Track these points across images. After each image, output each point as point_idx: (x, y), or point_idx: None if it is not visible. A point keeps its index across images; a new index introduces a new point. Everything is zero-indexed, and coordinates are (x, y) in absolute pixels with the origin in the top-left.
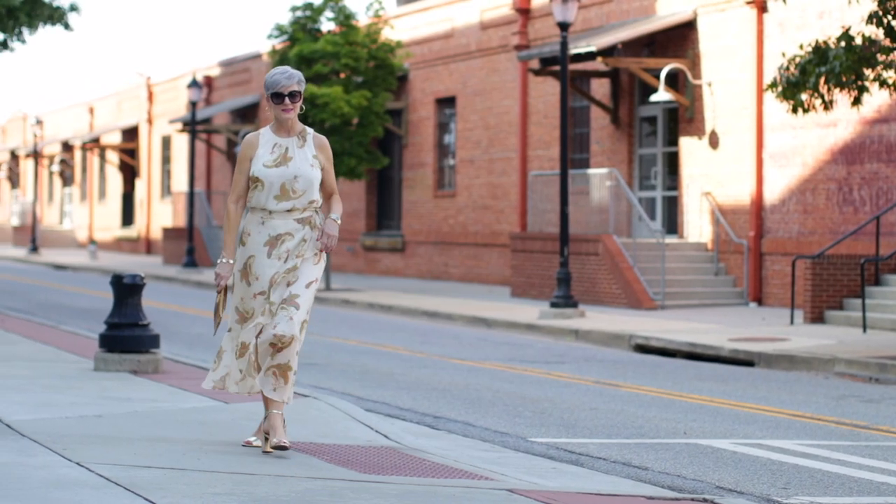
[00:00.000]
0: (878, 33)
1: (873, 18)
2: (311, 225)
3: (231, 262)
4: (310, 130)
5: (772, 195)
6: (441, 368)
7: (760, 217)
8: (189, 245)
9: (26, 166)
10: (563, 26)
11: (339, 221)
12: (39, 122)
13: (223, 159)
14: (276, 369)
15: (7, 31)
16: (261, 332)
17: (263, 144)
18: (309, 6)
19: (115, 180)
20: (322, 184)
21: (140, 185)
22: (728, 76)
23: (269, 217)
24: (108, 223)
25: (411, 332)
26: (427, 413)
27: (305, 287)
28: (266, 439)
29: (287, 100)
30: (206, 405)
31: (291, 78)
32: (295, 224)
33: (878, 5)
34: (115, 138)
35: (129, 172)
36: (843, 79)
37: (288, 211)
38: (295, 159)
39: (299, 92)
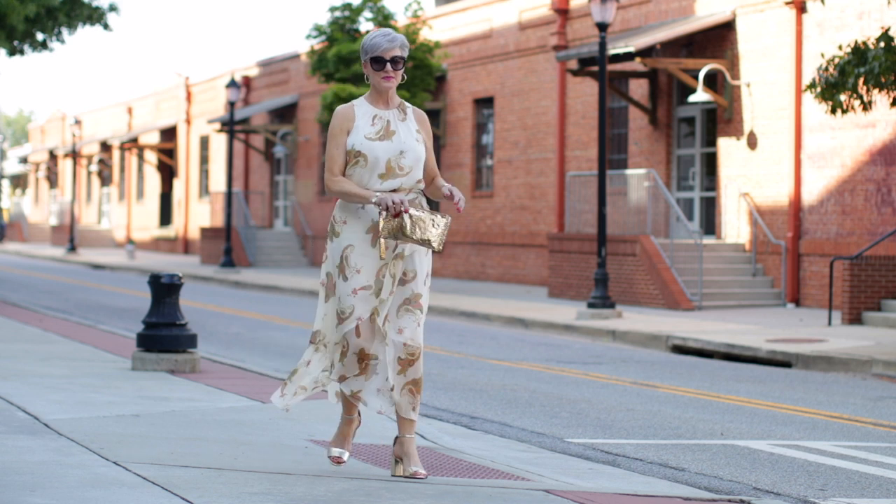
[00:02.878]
0: None
1: None
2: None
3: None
4: (408, 104)
5: (810, 196)
6: (478, 369)
7: (798, 218)
8: (227, 245)
9: (65, 166)
10: (602, 27)
11: None
12: (78, 122)
13: (261, 159)
14: (412, 386)
15: (46, 31)
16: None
17: (361, 116)
18: (348, 6)
19: (153, 180)
20: (424, 164)
21: (178, 185)
22: (767, 77)
23: None
24: (145, 223)
25: (448, 333)
26: (464, 413)
27: (424, 283)
28: (397, 462)
29: (389, 66)
30: (243, 405)
31: (394, 41)
32: None
33: None
34: (154, 138)
35: (168, 172)
36: (883, 80)
37: (394, 191)
38: (399, 133)
39: (402, 58)
